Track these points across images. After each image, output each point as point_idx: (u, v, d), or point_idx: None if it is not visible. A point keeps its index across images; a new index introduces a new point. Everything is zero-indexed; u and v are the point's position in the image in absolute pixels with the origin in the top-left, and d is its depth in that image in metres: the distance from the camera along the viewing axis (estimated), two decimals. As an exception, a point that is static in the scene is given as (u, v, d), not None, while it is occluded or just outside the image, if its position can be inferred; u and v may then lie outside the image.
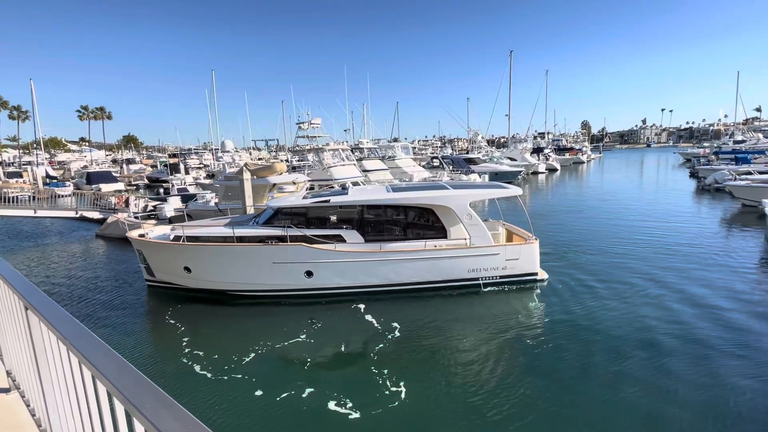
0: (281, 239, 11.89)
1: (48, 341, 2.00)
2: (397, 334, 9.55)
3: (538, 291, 11.83)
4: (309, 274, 11.72)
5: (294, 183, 21.38)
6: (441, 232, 12.20)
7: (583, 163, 72.17)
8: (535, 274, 12.22)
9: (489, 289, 11.94)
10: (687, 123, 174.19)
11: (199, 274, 12.14)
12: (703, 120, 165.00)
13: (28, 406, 2.87)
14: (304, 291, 11.91)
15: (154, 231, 13.50)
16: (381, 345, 9.07)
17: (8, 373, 3.19)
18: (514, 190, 12.81)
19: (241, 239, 11.97)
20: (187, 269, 12.13)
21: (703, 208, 25.16)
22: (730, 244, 16.23)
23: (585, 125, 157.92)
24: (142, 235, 12.99)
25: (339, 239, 12.00)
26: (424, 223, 12.29)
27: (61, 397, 2.05)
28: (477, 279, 11.98)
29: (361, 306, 11.15)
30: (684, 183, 38.48)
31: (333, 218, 12.20)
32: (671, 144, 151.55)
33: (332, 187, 22.86)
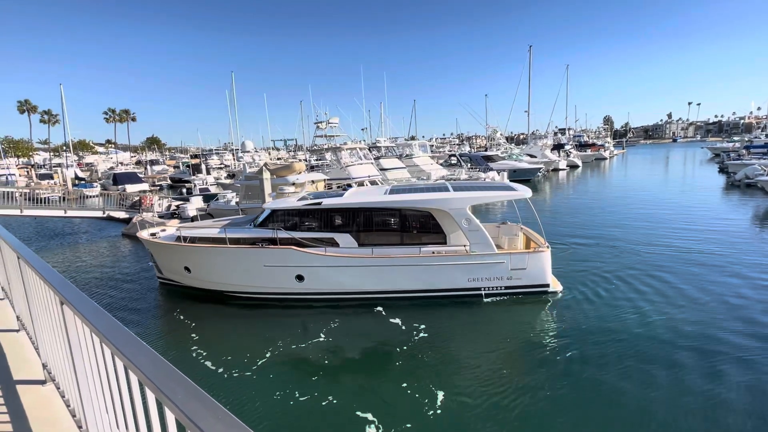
0: (273, 241, 11.69)
1: (82, 334, 2.08)
2: (402, 342, 9.26)
3: (550, 304, 10.79)
4: (300, 278, 11.41)
5: (312, 182, 21.56)
6: (440, 238, 11.44)
7: (606, 159, 70.44)
8: (547, 285, 11.13)
9: (491, 300, 11.05)
10: (715, 117, 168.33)
11: (197, 274, 12.32)
12: (733, 113, 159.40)
13: (63, 397, 2.98)
14: (295, 295, 11.67)
15: (166, 231, 13.76)
16: (384, 353, 8.91)
17: (44, 366, 3.32)
18: (522, 192, 11.48)
19: (235, 241, 11.91)
20: (187, 269, 12.37)
21: (733, 205, 24.24)
22: (763, 244, 15.54)
23: (607, 120, 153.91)
24: (153, 235, 13.35)
25: (332, 243, 11.59)
26: (422, 227, 11.58)
27: (94, 388, 2.12)
28: (479, 289, 11.15)
29: (359, 312, 10.87)
30: (713, 179, 37.14)
31: (326, 221, 11.80)
32: (698, 139, 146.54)
33: (349, 185, 22.95)
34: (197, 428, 1.04)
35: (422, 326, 9.89)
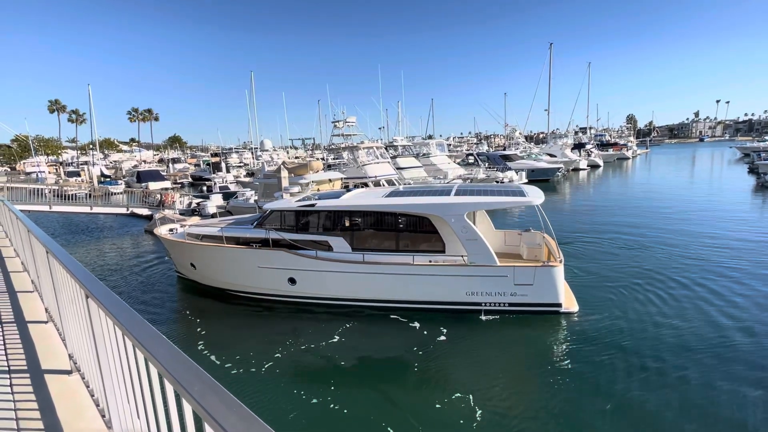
0: (267, 243, 11.60)
1: (106, 327, 2.15)
2: (418, 348, 8.96)
3: (562, 327, 9.48)
4: (292, 281, 11.22)
5: (330, 181, 21.71)
6: (438, 246, 10.68)
7: (628, 159, 68.71)
8: (558, 305, 9.94)
9: (490, 317, 10.09)
10: (745, 115, 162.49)
11: (201, 271, 12.60)
12: (765, 111, 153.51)
13: (87, 387, 3.09)
14: (288, 298, 11.56)
15: (185, 227, 14.03)
16: (399, 359, 8.70)
17: (70, 356, 3.45)
18: (531, 198, 10.31)
19: (235, 240, 11.95)
20: (193, 265, 12.67)
21: (765, 207, 23.35)
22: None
23: (630, 119, 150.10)
24: (171, 231, 13.79)
25: (326, 246, 11.21)
26: (420, 234, 10.87)
27: (117, 379, 2.20)
28: (479, 304, 10.28)
29: (373, 316, 10.59)
30: (742, 180, 35.82)
31: (321, 223, 11.50)
32: (727, 138, 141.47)
33: (365, 184, 23.01)
34: (213, 419, 1.07)
35: (443, 330, 9.57)
